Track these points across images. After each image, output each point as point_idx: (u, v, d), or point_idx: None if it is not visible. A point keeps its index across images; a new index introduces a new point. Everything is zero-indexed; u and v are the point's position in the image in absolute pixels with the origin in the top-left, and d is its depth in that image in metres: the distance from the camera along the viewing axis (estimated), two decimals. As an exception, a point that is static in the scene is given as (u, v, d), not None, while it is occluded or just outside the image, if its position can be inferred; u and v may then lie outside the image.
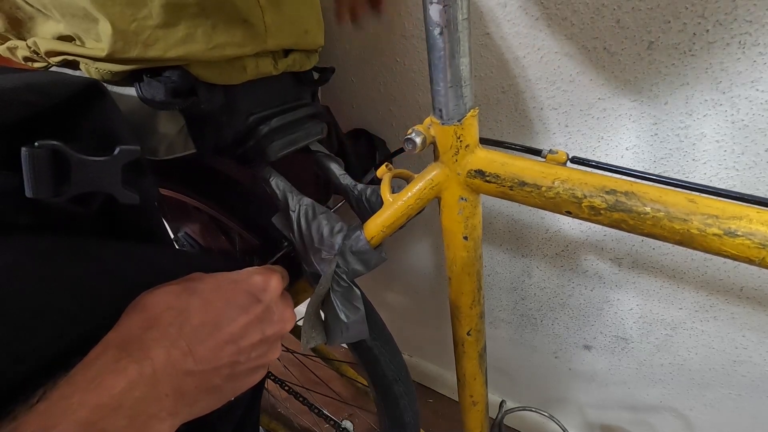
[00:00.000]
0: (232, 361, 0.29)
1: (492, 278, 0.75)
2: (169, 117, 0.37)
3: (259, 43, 0.37)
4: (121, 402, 0.23)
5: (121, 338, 0.25)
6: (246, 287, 0.32)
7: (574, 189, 0.30)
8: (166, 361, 0.25)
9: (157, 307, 0.28)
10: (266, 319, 0.32)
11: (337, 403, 1.00)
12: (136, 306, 0.28)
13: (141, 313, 0.27)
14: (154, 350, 0.25)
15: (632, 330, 0.67)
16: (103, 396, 0.22)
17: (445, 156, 0.35)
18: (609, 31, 0.44)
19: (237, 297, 0.31)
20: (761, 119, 0.42)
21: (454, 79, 0.30)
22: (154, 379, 0.24)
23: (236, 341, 0.30)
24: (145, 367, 0.24)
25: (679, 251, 0.55)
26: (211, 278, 0.32)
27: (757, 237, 0.25)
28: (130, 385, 0.23)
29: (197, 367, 0.27)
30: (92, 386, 0.22)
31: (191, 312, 0.28)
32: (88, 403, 0.22)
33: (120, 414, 0.22)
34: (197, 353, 0.27)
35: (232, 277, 0.33)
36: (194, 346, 0.27)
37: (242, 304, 0.31)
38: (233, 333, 0.30)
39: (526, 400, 0.93)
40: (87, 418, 0.21)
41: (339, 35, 0.60)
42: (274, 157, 0.42)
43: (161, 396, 0.25)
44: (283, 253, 0.50)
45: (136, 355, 0.24)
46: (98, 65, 0.33)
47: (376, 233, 0.41)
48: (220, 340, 0.29)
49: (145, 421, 0.24)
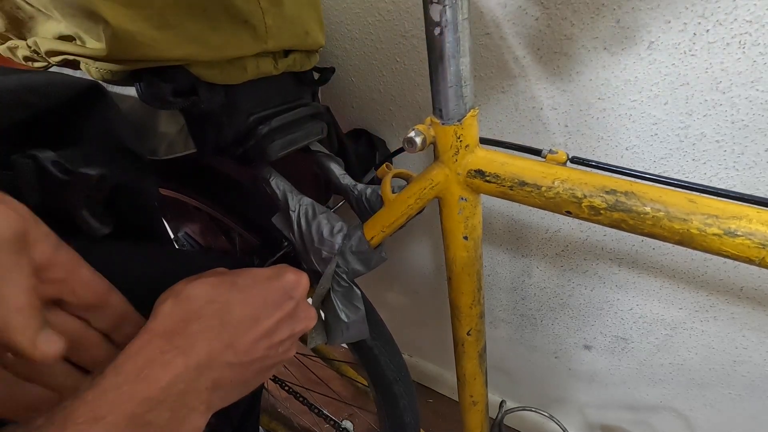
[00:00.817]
0: (264, 356, 0.30)
1: (492, 278, 0.75)
2: (170, 117, 0.37)
3: (260, 44, 0.37)
4: (167, 395, 0.23)
5: (165, 328, 0.26)
6: (280, 284, 0.33)
7: (574, 189, 0.30)
8: (208, 353, 0.26)
9: (200, 299, 0.28)
10: (296, 317, 0.33)
11: (337, 403, 1.00)
12: (179, 296, 0.28)
13: (184, 304, 0.27)
14: (198, 342, 0.26)
15: (632, 330, 0.67)
16: (150, 388, 0.22)
17: (445, 156, 0.35)
18: (609, 31, 0.44)
19: (273, 293, 0.32)
20: (761, 119, 0.42)
21: (454, 79, 0.30)
22: (197, 372, 0.25)
23: (270, 336, 0.30)
24: (191, 359, 0.25)
25: (679, 251, 0.55)
26: (247, 273, 0.32)
27: (757, 237, 0.25)
28: (175, 378, 0.24)
29: (236, 360, 0.28)
30: (140, 378, 0.23)
31: (232, 305, 0.29)
32: (136, 395, 0.22)
33: (164, 407, 0.23)
34: (237, 347, 0.28)
35: (266, 274, 0.33)
36: (235, 339, 0.28)
37: (277, 301, 0.32)
38: (268, 328, 0.30)
39: (526, 400, 0.93)
40: (134, 411, 0.21)
41: (339, 35, 0.60)
42: (274, 157, 0.42)
43: (201, 389, 0.25)
44: (283, 253, 0.50)
45: (181, 347, 0.25)
46: (99, 65, 0.33)
47: (376, 233, 0.41)
48: (257, 335, 0.29)
49: (186, 414, 0.24)
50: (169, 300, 0.28)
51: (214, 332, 0.27)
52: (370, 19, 0.56)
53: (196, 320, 0.27)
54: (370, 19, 0.56)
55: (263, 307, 0.30)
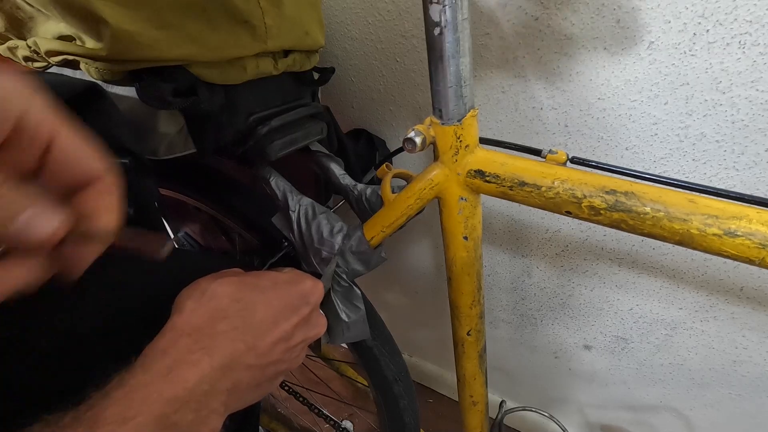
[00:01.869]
0: (279, 359, 0.30)
1: (492, 278, 0.75)
2: (169, 116, 0.37)
3: (260, 45, 0.37)
4: (192, 395, 0.23)
5: (191, 326, 0.26)
6: (299, 289, 0.33)
7: (574, 189, 0.30)
8: (231, 354, 0.26)
9: (226, 298, 0.28)
10: (310, 323, 0.33)
11: (337, 403, 1.00)
12: (204, 293, 0.28)
13: (210, 302, 0.27)
14: (223, 343, 0.26)
15: (632, 330, 0.67)
16: (178, 388, 0.23)
17: (445, 156, 0.35)
18: (609, 31, 0.44)
19: (292, 297, 0.32)
20: (761, 119, 0.42)
21: (454, 79, 0.30)
22: (221, 373, 0.25)
23: (287, 340, 0.30)
24: (215, 360, 0.25)
25: (679, 251, 0.55)
26: (268, 276, 0.32)
27: (757, 237, 0.25)
28: (201, 378, 0.24)
29: (255, 362, 0.28)
30: (169, 377, 0.23)
31: (256, 306, 0.29)
32: (164, 395, 0.22)
33: (189, 407, 0.23)
34: (258, 348, 0.28)
35: (285, 278, 0.33)
36: (256, 341, 0.28)
37: (295, 305, 0.32)
38: (286, 332, 0.30)
39: (526, 400, 0.93)
40: (162, 411, 0.21)
41: (339, 35, 0.60)
42: (274, 157, 0.42)
43: (222, 390, 0.25)
44: (283, 253, 0.50)
45: (207, 347, 0.25)
46: (98, 65, 0.33)
47: (376, 233, 0.41)
48: (276, 338, 0.29)
49: (207, 415, 0.24)
50: (194, 296, 0.27)
51: (238, 333, 0.27)
52: (370, 19, 0.56)
53: (222, 319, 0.27)
54: (370, 19, 0.56)
55: (283, 311, 0.31)
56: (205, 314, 0.27)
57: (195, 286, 0.29)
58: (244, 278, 0.31)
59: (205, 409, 0.24)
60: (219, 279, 0.29)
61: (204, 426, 0.24)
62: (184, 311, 0.26)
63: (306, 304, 0.33)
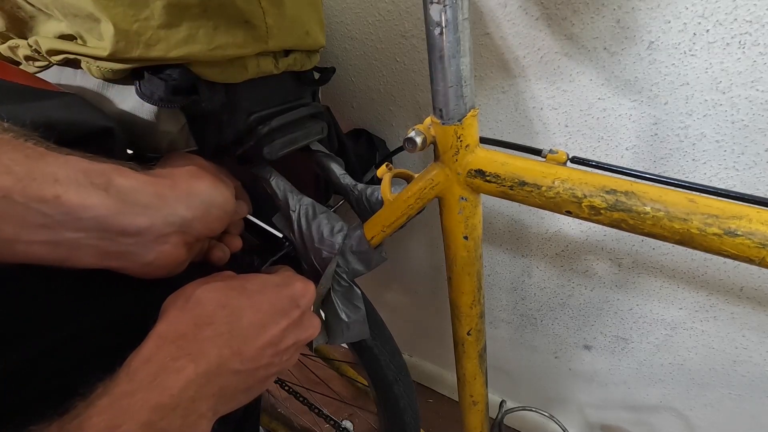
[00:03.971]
0: (268, 363, 0.30)
1: (492, 278, 0.75)
2: (171, 115, 0.37)
3: (261, 44, 0.37)
4: (178, 402, 0.23)
5: (176, 333, 0.26)
6: (288, 292, 0.33)
7: (574, 189, 0.30)
8: (217, 360, 0.26)
9: (210, 304, 0.28)
10: (301, 325, 0.33)
11: (337, 403, 1.00)
12: (189, 299, 0.28)
13: (194, 309, 0.27)
14: (208, 349, 0.26)
15: (632, 330, 0.67)
16: (163, 396, 0.22)
17: (445, 156, 0.35)
18: (609, 31, 0.44)
19: (281, 301, 0.32)
20: (761, 119, 0.42)
21: (454, 79, 0.30)
22: (206, 379, 0.25)
23: (276, 344, 0.30)
24: (200, 366, 0.25)
25: (679, 251, 0.55)
26: (256, 279, 0.32)
27: (757, 237, 0.25)
28: (186, 385, 0.24)
29: (243, 367, 0.27)
30: (153, 385, 0.23)
31: (242, 311, 0.29)
32: (150, 403, 0.22)
33: (177, 414, 0.23)
34: (244, 354, 0.28)
35: (275, 280, 0.33)
36: (242, 346, 0.28)
37: (284, 308, 0.32)
38: (275, 336, 0.30)
39: (526, 400, 0.93)
40: (148, 419, 0.21)
41: (339, 35, 0.60)
42: (274, 157, 0.42)
43: (209, 395, 0.25)
44: (284, 253, 0.50)
45: (193, 354, 0.25)
46: (99, 64, 0.33)
47: (376, 233, 0.41)
48: (264, 342, 0.29)
49: (195, 421, 0.24)
50: (178, 303, 0.27)
51: (224, 339, 0.27)
52: (370, 19, 0.57)
53: (206, 325, 0.27)
54: (370, 19, 0.56)
55: (271, 315, 0.30)
56: (189, 321, 0.26)
57: (180, 293, 0.28)
58: (231, 282, 0.30)
59: (193, 414, 0.24)
60: (205, 285, 0.29)
61: (193, 430, 0.24)
62: (168, 318, 0.26)
63: (296, 307, 0.32)
